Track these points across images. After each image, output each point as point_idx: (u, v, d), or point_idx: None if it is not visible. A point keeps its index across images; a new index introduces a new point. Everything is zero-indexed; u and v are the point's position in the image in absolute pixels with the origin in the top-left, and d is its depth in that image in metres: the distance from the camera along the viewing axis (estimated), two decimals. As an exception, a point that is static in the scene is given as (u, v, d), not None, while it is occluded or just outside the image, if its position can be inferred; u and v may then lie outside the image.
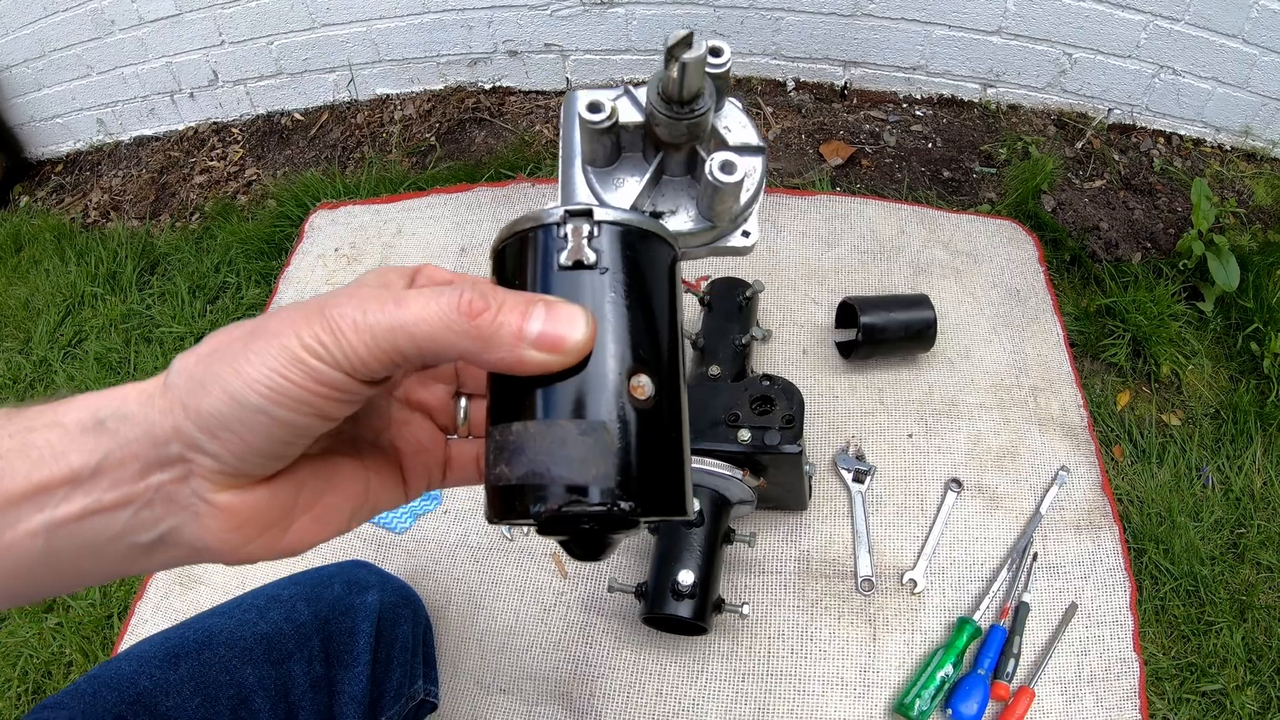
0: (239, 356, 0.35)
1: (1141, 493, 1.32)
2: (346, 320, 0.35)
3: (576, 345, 0.37)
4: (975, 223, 1.59)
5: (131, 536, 0.37)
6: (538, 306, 0.37)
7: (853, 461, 1.31)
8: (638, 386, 0.39)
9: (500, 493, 0.39)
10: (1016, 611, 1.17)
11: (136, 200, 2.15)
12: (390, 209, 1.79)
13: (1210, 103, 1.74)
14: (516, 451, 0.38)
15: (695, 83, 0.50)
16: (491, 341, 0.36)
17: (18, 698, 1.36)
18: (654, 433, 0.39)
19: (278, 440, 0.36)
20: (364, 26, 1.96)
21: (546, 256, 0.40)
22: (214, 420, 0.35)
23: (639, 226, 0.41)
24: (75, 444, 0.36)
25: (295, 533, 0.40)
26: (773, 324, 1.46)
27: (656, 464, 0.39)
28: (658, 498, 0.38)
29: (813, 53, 1.86)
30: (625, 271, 0.40)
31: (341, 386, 0.36)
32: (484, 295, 0.37)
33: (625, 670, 1.19)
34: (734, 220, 0.57)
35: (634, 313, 0.40)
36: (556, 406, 0.38)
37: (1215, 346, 1.49)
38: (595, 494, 0.37)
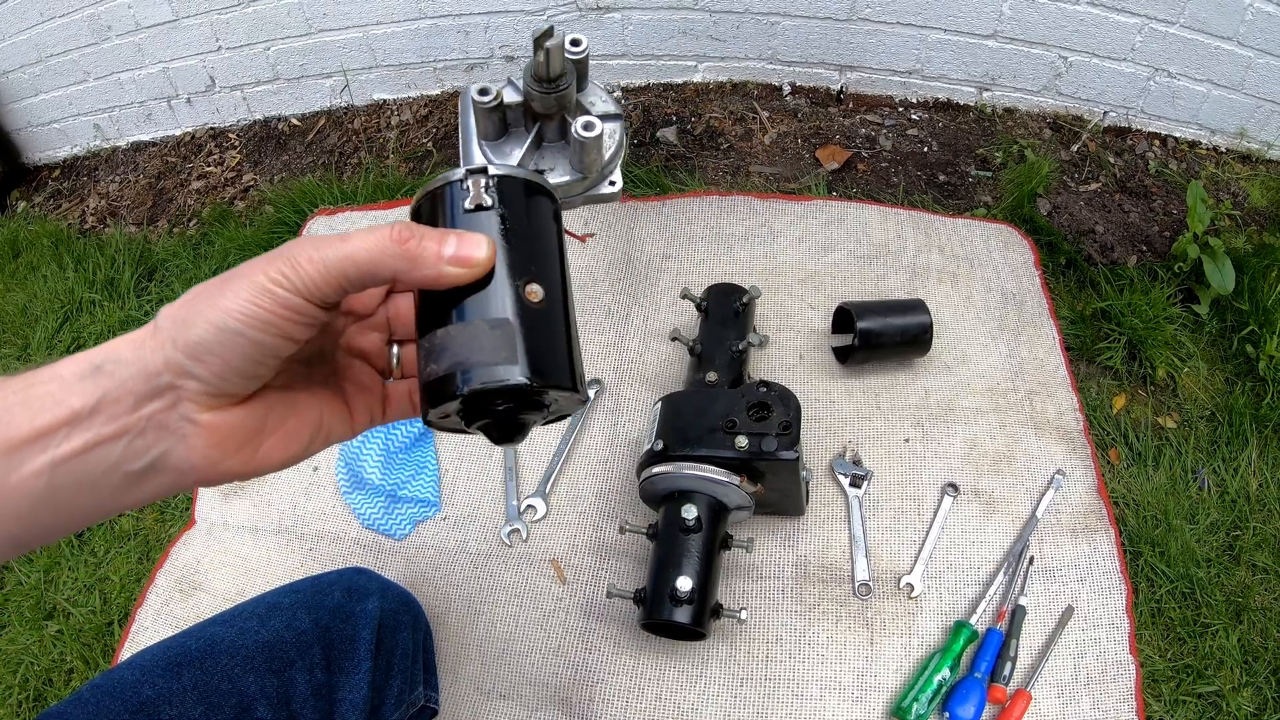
0: (217, 294, 0.43)
1: (1137, 496, 1.32)
2: (303, 255, 0.44)
3: (481, 260, 0.48)
4: (971, 227, 1.60)
5: (125, 465, 0.44)
6: (451, 235, 0.47)
7: (849, 466, 1.31)
8: (531, 291, 0.49)
9: (431, 386, 0.48)
10: (1013, 615, 1.18)
11: (134, 206, 2.15)
12: (388, 215, 1.79)
13: (1205, 105, 1.74)
14: (442, 350, 0.48)
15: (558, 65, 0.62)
16: (417, 261, 0.46)
17: (19, 705, 1.36)
18: (547, 325, 0.50)
19: (252, 360, 0.44)
20: (360, 32, 1.97)
21: (453, 204, 0.51)
22: (199, 347, 0.43)
23: (522, 178, 0.53)
24: (74, 389, 0.43)
25: (265, 451, 0.49)
26: (769, 329, 1.47)
27: (551, 349, 0.49)
28: (553, 374, 0.49)
29: (808, 57, 1.87)
30: (515, 210, 0.51)
31: (301, 310, 0.44)
32: (410, 228, 0.46)
33: (624, 675, 1.19)
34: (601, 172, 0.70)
35: (524, 239, 0.51)
36: (470, 311, 0.48)
37: (1211, 349, 1.50)
38: (504, 372, 0.47)
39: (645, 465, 1.16)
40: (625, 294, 1.56)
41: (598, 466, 1.38)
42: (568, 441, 1.40)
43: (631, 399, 1.44)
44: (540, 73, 0.62)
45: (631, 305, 1.54)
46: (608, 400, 1.44)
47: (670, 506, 1.15)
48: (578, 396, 0.52)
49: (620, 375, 1.46)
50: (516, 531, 1.33)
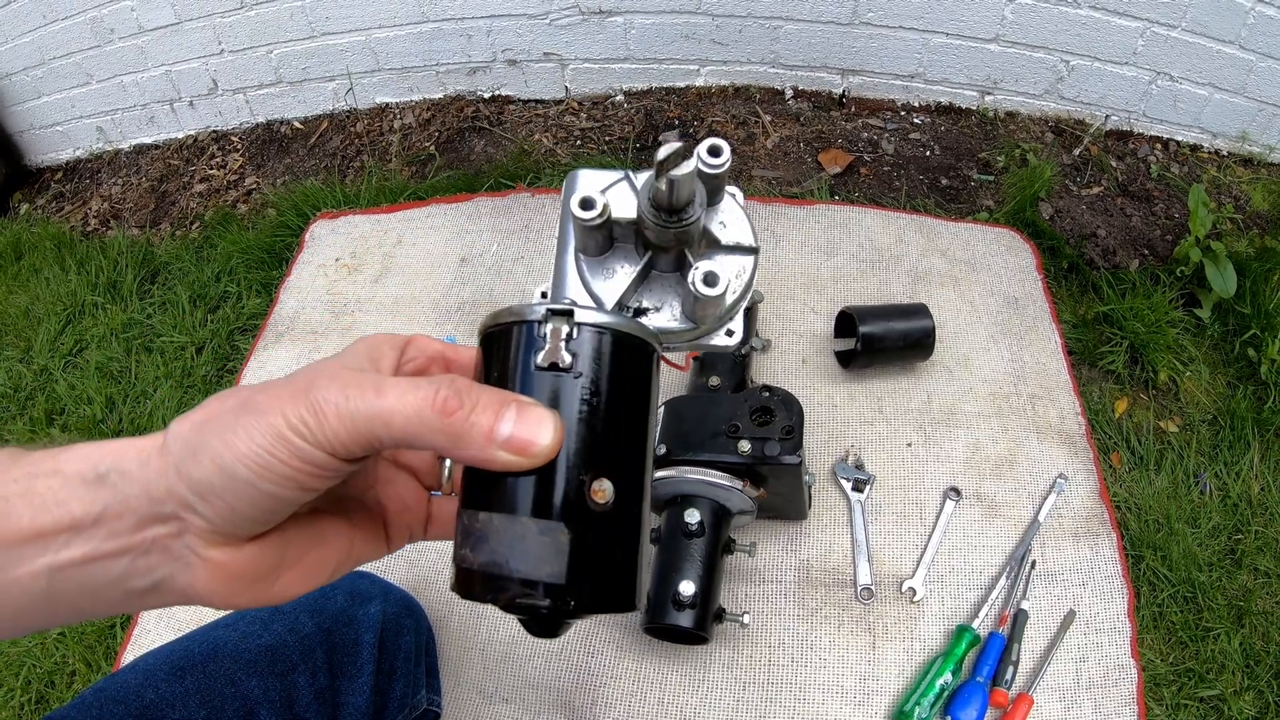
0: (229, 429, 0.38)
1: (1139, 500, 1.32)
2: (330, 405, 0.38)
3: (543, 450, 0.40)
4: (973, 231, 1.60)
5: (128, 582, 0.40)
6: (509, 409, 0.40)
7: (852, 471, 1.31)
8: (598, 490, 0.41)
9: (464, 574, 0.42)
10: (1015, 619, 1.18)
11: (136, 209, 2.15)
12: (390, 219, 1.79)
13: (1207, 109, 1.75)
14: (481, 540, 0.41)
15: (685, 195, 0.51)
16: (463, 439, 0.39)
17: (20, 708, 1.36)
18: (609, 535, 0.42)
19: (263, 509, 0.39)
20: (363, 35, 1.97)
21: (525, 354, 0.42)
22: (204, 486, 0.38)
23: (618, 330, 0.43)
24: (76, 494, 0.39)
25: (281, 585, 0.43)
26: (772, 334, 1.47)
27: (609, 565, 0.42)
28: (606, 596, 0.42)
29: (811, 61, 1.87)
30: (598, 375, 0.42)
31: (323, 464, 0.39)
32: (459, 394, 0.39)
33: (627, 679, 1.19)
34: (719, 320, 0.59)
35: (603, 417, 0.42)
36: (520, 503, 0.41)
37: (1213, 353, 1.50)
38: (545, 590, 0.40)
39: (648, 469, 1.16)
40: (627, 297, 1.55)
41: (600, 470, 1.38)
42: (570, 445, 1.39)
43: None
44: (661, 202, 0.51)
45: (634, 309, 1.54)
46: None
47: (673, 511, 1.15)
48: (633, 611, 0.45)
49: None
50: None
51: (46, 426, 1.69)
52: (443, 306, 1.60)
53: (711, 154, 0.54)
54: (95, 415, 1.66)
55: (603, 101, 2.01)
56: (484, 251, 1.67)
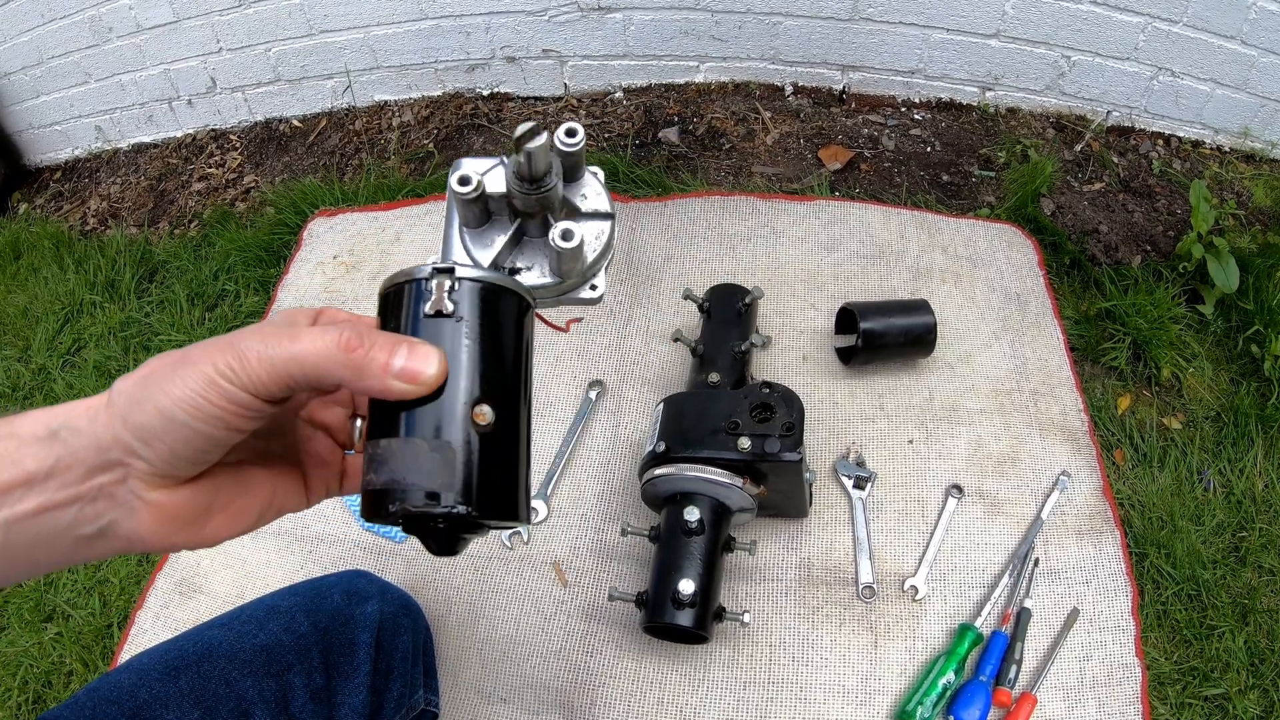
0: (168, 380, 0.43)
1: (1143, 497, 1.31)
2: (252, 351, 0.44)
3: (430, 378, 0.47)
4: (975, 227, 1.59)
5: (77, 529, 0.45)
6: (402, 346, 0.46)
7: (853, 468, 1.30)
8: (480, 414, 0.48)
9: (370, 495, 0.48)
10: (1018, 617, 1.17)
11: (135, 207, 2.15)
12: (389, 216, 1.78)
13: (1209, 104, 1.74)
14: (382, 462, 0.47)
15: (541, 166, 0.59)
16: (364, 372, 0.45)
17: (18, 707, 1.36)
18: (493, 452, 0.48)
19: (197, 448, 0.45)
20: (361, 33, 1.96)
21: (415, 305, 0.50)
22: (147, 431, 0.43)
23: (491, 282, 0.51)
24: (29, 451, 0.44)
25: (212, 527, 0.49)
26: (772, 330, 1.46)
27: (494, 477, 0.48)
28: (494, 504, 0.48)
29: (811, 57, 1.86)
30: (477, 319, 0.50)
31: (248, 405, 0.44)
32: (360, 334, 0.46)
33: (626, 679, 1.18)
34: (583, 275, 0.66)
35: (481, 353, 0.49)
36: (415, 427, 0.47)
37: (1216, 349, 1.49)
38: (441, 498, 0.46)
39: (647, 467, 1.15)
40: (627, 295, 1.55)
41: (599, 468, 1.37)
42: (569, 443, 1.39)
43: (633, 400, 1.43)
44: (522, 173, 0.60)
45: (633, 306, 1.53)
46: (609, 402, 1.43)
47: (672, 509, 1.14)
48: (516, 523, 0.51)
49: (622, 376, 1.45)
50: (517, 534, 1.32)
51: (44, 426, 1.68)
52: (441, 304, 1.59)
53: (568, 135, 0.62)
54: (93, 414, 1.65)
55: (602, 98, 2.00)
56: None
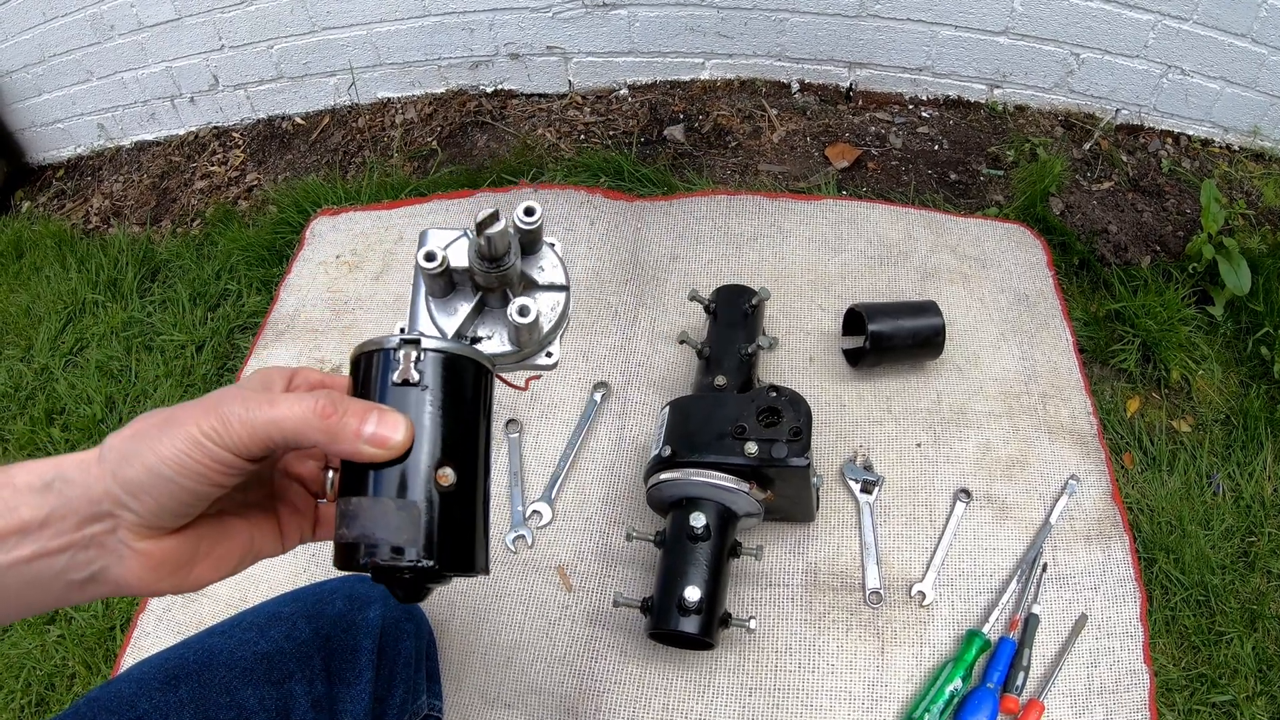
0: (155, 439, 0.48)
1: (1152, 501, 1.30)
2: (234, 415, 0.48)
3: (397, 444, 0.51)
4: (983, 226, 1.58)
5: (69, 575, 0.49)
6: (372, 413, 0.51)
7: (860, 472, 1.29)
8: (443, 475, 0.53)
9: (342, 548, 0.53)
10: (1026, 623, 1.16)
11: (138, 206, 2.14)
12: (392, 215, 1.77)
13: (1219, 103, 1.72)
14: (353, 518, 0.52)
15: (500, 247, 0.64)
16: (338, 437, 0.50)
17: (20, 710, 1.35)
18: (454, 509, 0.53)
19: (183, 502, 0.49)
20: (364, 30, 1.95)
21: (384, 373, 0.54)
22: (136, 485, 0.47)
23: (453, 353, 0.56)
24: (25, 500, 0.47)
25: (195, 574, 0.53)
26: (779, 331, 1.45)
27: (454, 533, 0.53)
28: (454, 558, 0.53)
29: (818, 54, 1.85)
30: (440, 387, 0.54)
31: (229, 464, 0.49)
32: (334, 402, 0.50)
33: (631, 684, 1.17)
34: (540, 344, 0.71)
35: (445, 419, 0.54)
36: (382, 487, 0.52)
37: (1225, 351, 1.48)
38: (406, 553, 0.51)
39: (653, 471, 1.14)
40: (632, 295, 1.54)
41: (604, 471, 1.36)
42: (574, 446, 1.38)
43: (639, 402, 1.42)
44: (483, 253, 0.64)
45: (638, 307, 1.52)
46: (614, 404, 1.42)
47: (678, 514, 1.13)
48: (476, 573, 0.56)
49: (627, 378, 1.44)
50: (522, 538, 1.31)
51: (47, 426, 1.68)
52: (445, 304, 1.58)
53: (526, 214, 0.67)
54: (95, 415, 1.65)
55: (606, 95, 1.99)
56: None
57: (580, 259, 1.60)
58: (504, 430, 1.41)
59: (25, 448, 1.65)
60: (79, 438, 1.63)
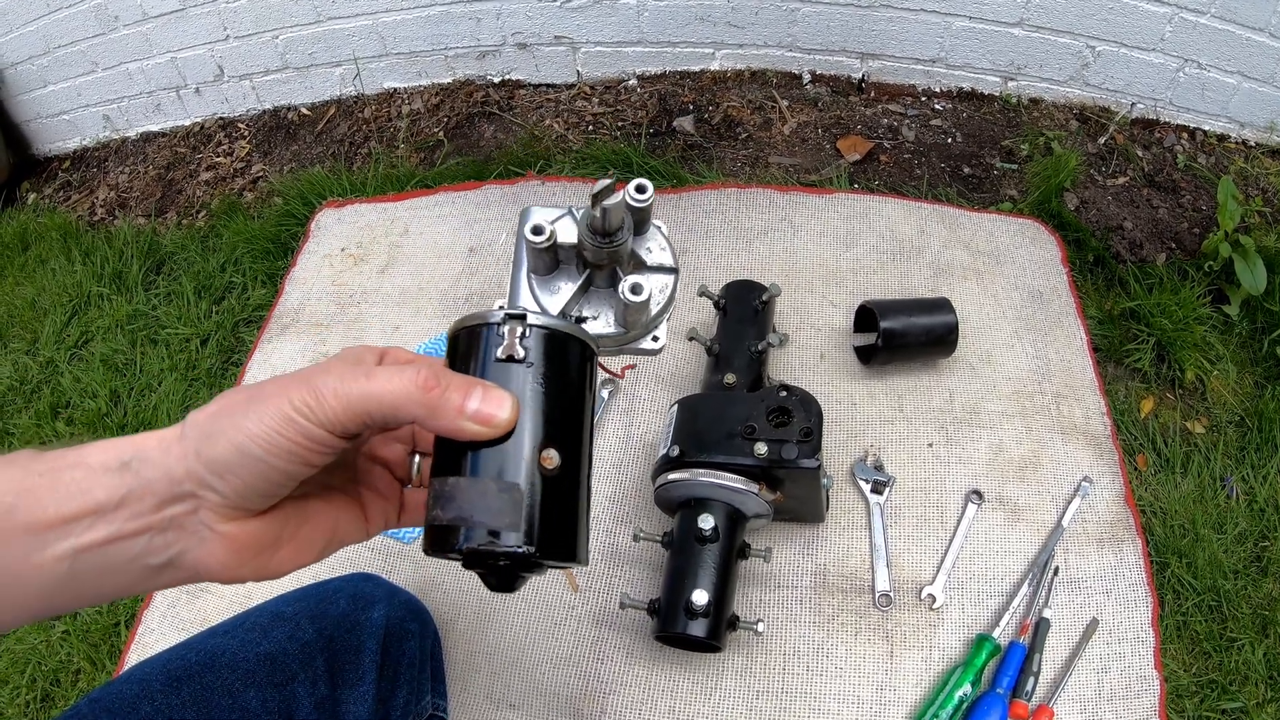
0: (242, 415, 0.45)
1: (1165, 504, 1.28)
2: (328, 389, 0.46)
3: (503, 422, 0.49)
4: (997, 222, 1.56)
5: (146, 559, 0.47)
6: (477, 389, 0.49)
7: (871, 472, 1.28)
8: (547, 458, 0.50)
9: (435, 530, 0.50)
10: (1037, 628, 1.14)
11: (143, 197, 2.13)
12: (397, 207, 1.76)
13: (1235, 98, 1.69)
14: (449, 499, 0.49)
15: (615, 221, 0.62)
16: (439, 412, 0.47)
17: (26, 705, 1.35)
18: (557, 495, 0.51)
19: (271, 482, 0.47)
20: (370, 20, 1.94)
21: (487, 349, 0.52)
22: (221, 465, 0.45)
23: (560, 330, 0.54)
24: (100, 481, 0.45)
25: (279, 559, 0.51)
26: (789, 327, 1.43)
27: (556, 520, 0.50)
28: (555, 546, 0.50)
29: (829, 44, 1.82)
30: (546, 365, 0.52)
31: (323, 441, 0.46)
32: (436, 375, 0.48)
33: (637, 687, 1.16)
34: (645, 327, 0.69)
35: (549, 399, 0.52)
36: (483, 467, 0.49)
37: (1240, 351, 1.46)
38: (505, 537, 0.48)
39: (661, 471, 1.13)
40: (640, 290, 1.52)
41: (611, 469, 1.35)
42: (580, 443, 1.36)
43: (646, 399, 1.40)
44: (596, 227, 0.63)
45: (646, 302, 1.50)
46: (622, 401, 1.41)
47: (686, 514, 1.12)
48: (576, 564, 0.53)
49: (635, 374, 1.43)
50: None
51: (52, 420, 1.67)
52: (451, 297, 1.57)
53: (639, 191, 0.66)
54: (100, 409, 1.64)
55: (615, 86, 1.97)
56: (493, 241, 1.64)
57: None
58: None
59: (30, 442, 1.65)
60: (83, 432, 1.62)
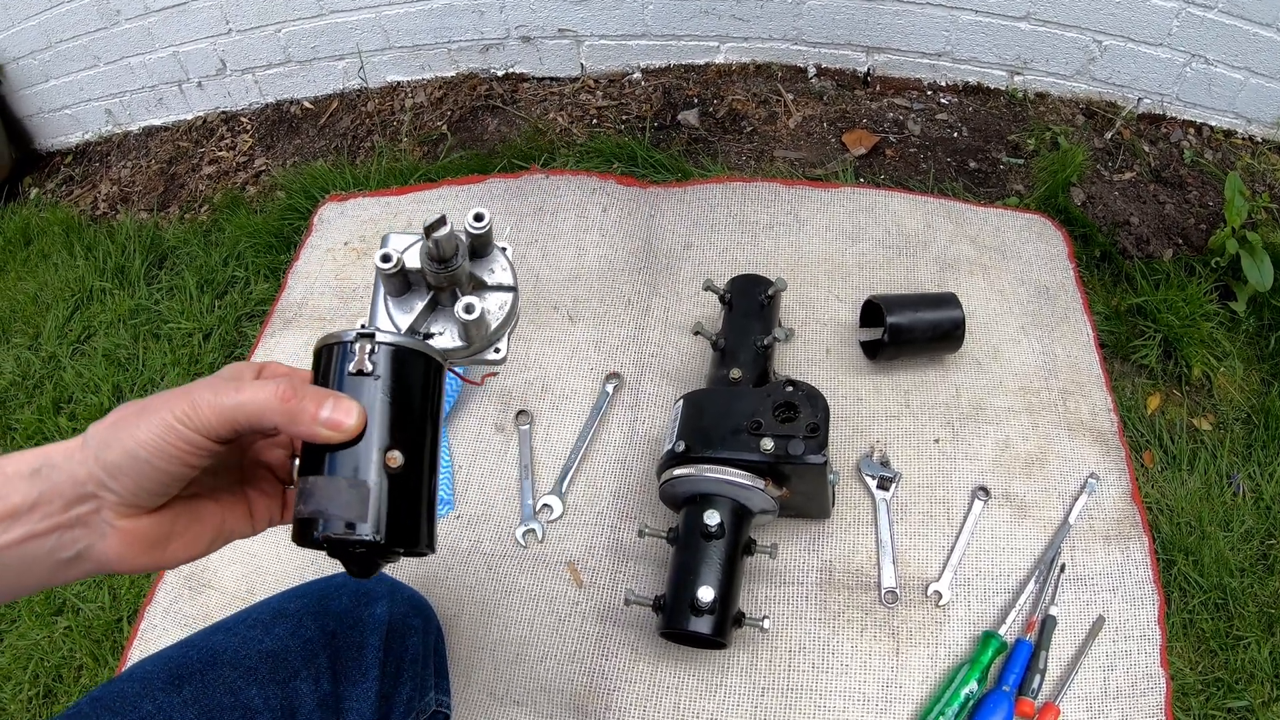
0: (133, 425, 0.52)
1: (1171, 501, 1.28)
2: (203, 400, 0.53)
3: (350, 428, 0.56)
4: (1004, 217, 1.55)
5: (57, 554, 0.53)
6: (328, 399, 0.56)
7: (877, 468, 1.27)
8: (391, 458, 0.57)
9: (299, 523, 0.57)
10: (1043, 625, 1.13)
11: (145, 192, 2.12)
12: (400, 201, 1.75)
13: (1242, 93, 1.68)
14: (309, 495, 0.56)
15: (448, 250, 0.67)
16: (296, 419, 0.54)
17: (28, 701, 1.35)
18: (402, 490, 0.58)
19: (159, 482, 0.54)
20: (373, 12, 1.93)
21: (341, 363, 0.59)
22: (116, 468, 0.52)
23: (405, 346, 0.61)
24: (15, 487, 0.52)
25: (171, 550, 0.58)
26: (795, 322, 1.42)
27: (401, 511, 0.58)
28: (400, 534, 0.57)
29: (835, 38, 1.81)
30: (391, 378, 0.59)
31: (199, 445, 0.53)
32: (294, 387, 0.55)
33: (641, 683, 1.16)
34: (488, 340, 0.75)
35: (395, 407, 0.59)
36: (337, 467, 0.56)
37: (1247, 348, 1.45)
38: (357, 528, 0.55)
39: (666, 467, 1.12)
40: (645, 284, 1.52)
41: (616, 465, 1.34)
42: (585, 438, 1.36)
43: (651, 394, 1.40)
44: (432, 255, 0.69)
45: (651, 296, 1.50)
46: (626, 396, 1.40)
47: (691, 510, 1.11)
48: (421, 550, 0.60)
49: (640, 369, 1.42)
50: (532, 532, 1.29)
51: (54, 415, 1.67)
52: (454, 293, 1.56)
53: (475, 220, 0.72)
54: (102, 404, 1.64)
55: (620, 79, 1.96)
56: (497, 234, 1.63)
57: (592, 246, 1.58)
58: (514, 421, 1.40)
59: (33, 436, 1.64)
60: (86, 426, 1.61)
